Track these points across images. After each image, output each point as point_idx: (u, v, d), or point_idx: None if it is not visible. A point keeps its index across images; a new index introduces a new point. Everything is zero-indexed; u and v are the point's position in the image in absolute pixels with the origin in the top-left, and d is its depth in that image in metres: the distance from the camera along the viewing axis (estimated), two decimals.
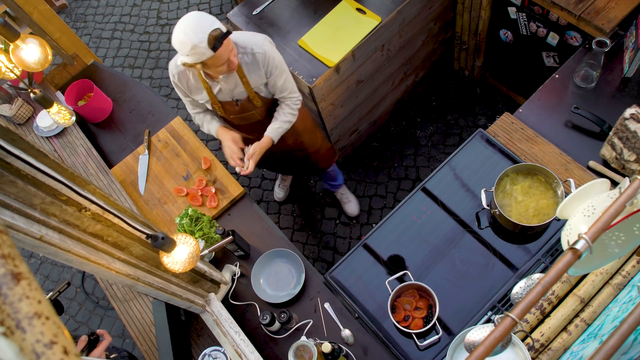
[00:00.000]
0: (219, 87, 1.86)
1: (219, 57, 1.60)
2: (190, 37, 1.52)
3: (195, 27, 1.52)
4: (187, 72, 1.84)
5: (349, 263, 1.94)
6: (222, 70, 1.68)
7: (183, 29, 1.54)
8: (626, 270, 1.47)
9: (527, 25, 2.47)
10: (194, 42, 1.52)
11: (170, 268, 1.32)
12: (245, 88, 1.86)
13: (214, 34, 1.54)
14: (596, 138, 1.94)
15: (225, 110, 1.97)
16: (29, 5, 2.50)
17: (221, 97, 1.91)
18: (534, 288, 0.76)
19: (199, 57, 1.57)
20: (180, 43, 1.55)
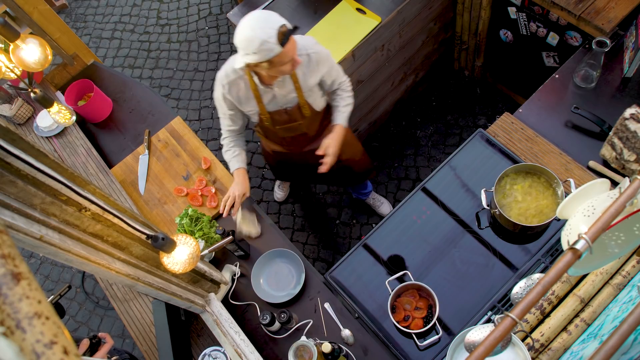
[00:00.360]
0: (272, 95, 1.81)
1: (286, 54, 1.55)
2: (259, 33, 1.48)
3: (264, 23, 1.49)
4: (239, 81, 1.78)
5: (349, 263, 1.94)
6: (286, 69, 1.62)
7: (250, 25, 1.50)
8: (626, 270, 1.47)
9: (527, 25, 2.47)
10: (262, 38, 1.48)
11: (170, 269, 1.32)
12: (297, 93, 1.83)
13: (282, 30, 1.50)
14: (596, 138, 1.94)
15: (273, 120, 1.91)
16: (29, 5, 2.50)
17: (271, 107, 1.86)
18: (534, 288, 0.76)
19: (267, 54, 1.52)
20: (248, 40, 1.50)
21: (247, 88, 1.80)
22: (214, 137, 3.58)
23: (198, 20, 4.20)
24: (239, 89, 1.80)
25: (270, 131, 2.00)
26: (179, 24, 4.22)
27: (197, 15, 4.23)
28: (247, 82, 1.78)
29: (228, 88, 1.80)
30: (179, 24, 4.22)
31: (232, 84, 1.79)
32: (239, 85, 1.79)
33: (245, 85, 1.79)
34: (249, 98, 1.83)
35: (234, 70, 1.74)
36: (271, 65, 1.57)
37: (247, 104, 1.85)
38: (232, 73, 1.77)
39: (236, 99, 1.84)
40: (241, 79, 1.77)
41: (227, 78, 1.79)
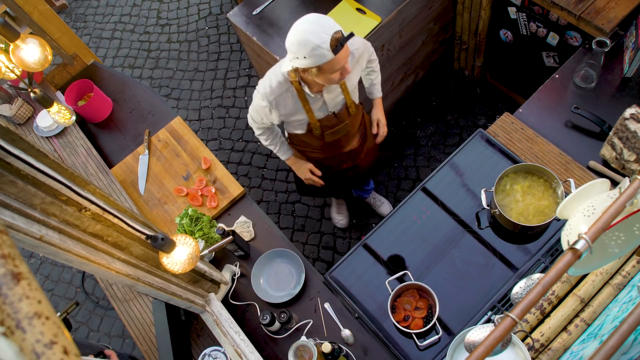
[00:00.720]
0: (322, 101, 1.76)
1: (337, 62, 1.49)
2: (312, 38, 1.42)
3: (318, 28, 1.44)
4: (286, 94, 1.70)
5: (349, 263, 1.94)
6: (334, 78, 1.55)
7: (304, 28, 1.45)
8: (626, 270, 1.47)
9: (527, 25, 2.47)
10: (315, 43, 1.42)
11: (169, 269, 1.32)
12: (344, 95, 1.79)
13: (336, 36, 1.44)
14: (596, 138, 1.94)
15: (322, 126, 1.86)
16: (29, 5, 2.50)
17: (320, 113, 1.81)
18: (534, 288, 0.76)
19: (318, 60, 1.46)
20: (300, 43, 1.44)
21: (295, 99, 1.73)
22: (213, 137, 3.58)
23: (198, 20, 4.20)
24: (286, 103, 1.73)
25: (314, 139, 1.95)
26: (179, 24, 4.22)
27: (197, 15, 4.23)
28: (294, 93, 1.71)
29: (275, 104, 1.72)
30: (179, 24, 4.22)
31: (280, 99, 1.71)
32: (287, 99, 1.72)
33: (293, 96, 1.72)
34: (297, 109, 1.76)
35: (279, 83, 1.68)
36: (320, 71, 1.52)
37: (296, 115, 1.79)
38: (277, 87, 1.69)
39: (283, 113, 1.77)
40: (288, 91, 1.70)
41: (272, 94, 1.70)
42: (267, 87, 1.71)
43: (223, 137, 3.57)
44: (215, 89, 3.80)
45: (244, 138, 3.52)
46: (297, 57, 1.49)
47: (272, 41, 2.45)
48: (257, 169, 3.38)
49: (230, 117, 3.64)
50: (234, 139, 3.54)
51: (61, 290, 3.26)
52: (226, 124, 3.62)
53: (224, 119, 3.64)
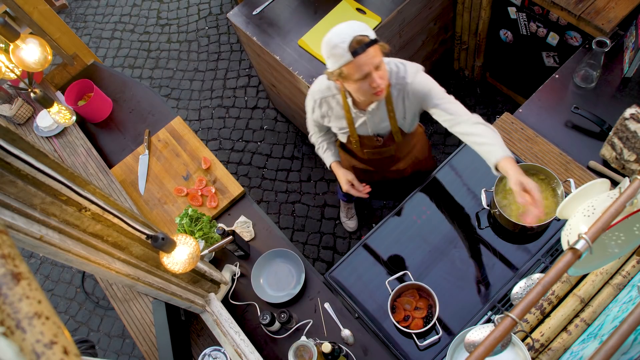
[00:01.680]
0: (363, 120, 1.70)
1: (358, 67, 1.41)
2: (334, 37, 1.41)
3: (343, 28, 1.42)
4: (331, 99, 1.69)
5: (349, 263, 1.94)
6: (363, 89, 1.48)
7: (335, 29, 1.44)
8: (626, 270, 1.47)
9: (527, 25, 2.47)
10: (335, 42, 1.40)
11: (170, 269, 1.32)
12: (391, 123, 1.72)
13: (358, 38, 1.39)
14: (596, 138, 1.94)
15: (362, 144, 1.83)
16: (29, 5, 2.50)
17: (361, 130, 1.77)
18: (534, 288, 0.76)
19: (337, 61, 1.43)
20: (324, 42, 1.45)
21: (339, 107, 1.71)
22: (213, 137, 3.58)
23: (198, 20, 4.20)
24: (330, 106, 1.72)
25: (357, 151, 1.92)
26: (179, 24, 4.22)
27: (197, 15, 4.23)
28: (339, 101, 1.69)
29: (319, 103, 1.73)
30: (179, 24, 4.22)
31: (324, 101, 1.72)
32: (330, 104, 1.72)
33: (338, 103, 1.70)
34: (339, 117, 1.74)
35: (327, 87, 1.67)
36: (343, 77, 1.47)
37: (338, 122, 1.77)
38: (326, 89, 1.68)
39: (325, 114, 1.76)
40: (334, 98, 1.69)
41: (320, 93, 1.71)
42: (315, 86, 1.72)
43: (223, 137, 3.57)
44: (215, 89, 3.80)
45: (244, 138, 3.53)
46: (325, 56, 1.47)
47: (272, 41, 2.45)
48: (257, 169, 3.38)
49: (230, 117, 3.64)
50: (234, 139, 3.54)
51: (61, 290, 3.26)
52: (226, 124, 3.62)
53: (224, 119, 3.64)
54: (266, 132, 3.51)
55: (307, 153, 3.34)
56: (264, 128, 3.53)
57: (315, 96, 1.73)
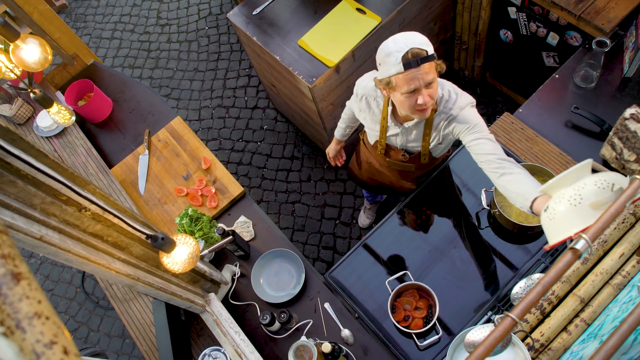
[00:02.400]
0: (396, 133, 1.69)
1: (408, 80, 1.36)
2: (391, 44, 1.36)
3: (403, 37, 1.36)
4: (372, 101, 1.67)
5: (349, 263, 1.94)
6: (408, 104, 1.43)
7: (393, 37, 1.38)
8: (626, 270, 1.47)
9: (527, 25, 2.47)
10: (390, 49, 1.35)
11: (170, 268, 1.32)
12: (423, 145, 1.68)
13: (415, 51, 1.33)
14: (596, 138, 1.94)
15: (388, 154, 1.82)
16: (29, 5, 2.50)
17: (391, 141, 1.76)
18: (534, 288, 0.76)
19: (388, 69, 1.37)
20: (381, 48, 1.39)
21: (378, 110, 1.68)
22: (213, 137, 3.58)
23: (198, 20, 4.20)
24: (370, 106, 1.70)
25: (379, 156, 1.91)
26: (179, 24, 4.23)
27: (197, 15, 4.23)
28: (380, 105, 1.66)
29: (360, 97, 1.71)
30: (179, 24, 4.22)
31: (365, 99, 1.70)
32: (370, 104, 1.69)
33: (378, 107, 1.67)
34: (375, 119, 1.72)
35: (374, 87, 1.62)
36: (390, 88, 1.42)
37: (371, 124, 1.75)
38: (371, 88, 1.65)
39: (363, 109, 1.73)
40: (375, 100, 1.66)
41: (364, 90, 1.68)
42: (364, 81, 1.68)
43: (223, 137, 3.57)
44: (215, 89, 3.80)
45: (244, 138, 3.53)
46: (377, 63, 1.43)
47: (272, 41, 2.45)
48: (257, 169, 3.38)
49: (230, 117, 3.64)
50: (234, 139, 3.54)
51: (61, 290, 3.26)
52: (226, 124, 3.62)
53: (224, 119, 3.65)
54: (266, 132, 3.51)
55: (307, 153, 3.35)
56: (264, 128, 3.53)
57: (359, 90, 1.71)
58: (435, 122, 1.60)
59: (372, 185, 2.27)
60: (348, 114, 1.99)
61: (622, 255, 1.49)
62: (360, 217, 3.02)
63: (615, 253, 1.50)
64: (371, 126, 1.77)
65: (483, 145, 1.48)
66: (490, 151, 1.46)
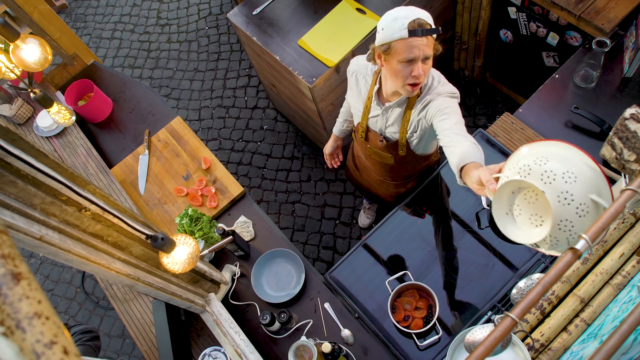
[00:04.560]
0: (378, 114, 1.69)
1: (409, 47, 1.37)
2: (397, 11, 1.38)
3: (412, 9, 1.39)
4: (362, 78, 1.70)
5: (349, 263, 1.94)
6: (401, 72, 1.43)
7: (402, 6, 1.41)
8: (626, 270, 1.47)
9: (527, 25, 2.47)
10: (398, 14, 1.37)
11: (169, 269, 1.32)
12: (400, 130, 1.67)
13: (421, 21, 1.36)
14: (596, 138, 1.94)
15: (368, 138, 1.82)
16: (29, 5, 2.50)
17: (371, 123, 1.76)
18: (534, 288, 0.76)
19: (391, 33, 1.37)
20: (387, 13, 1.40)
21: (365, 88, 1.71)
22: (213, 137, 3.58)
23: (198, 20, 4.20)
24: (358, 82, 1.72)
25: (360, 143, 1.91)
26: (179, 24, 4.22)
27: (197, 15, 4.23)
28: (368, 83, 1.69)
29: (351, 73, 1.74)
30: (179, 24, 4.22)
31: (355, 75, 1.73)
32: (359, 82, 1.72)
33: (365, 85, 1.70)
34: (360, 97, 1.74)
35: (365, 64, 1.68)
36: (388, 53, 1.41)
37: (356, 102, 1.77)
38: (362, 66, 1.69)
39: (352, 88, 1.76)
40: (364, 78, 1.70)
41: (356, 67, 1.72)
42: (358, 59, 1.72)
43: (223, 137, 3.57)
44: (215, 89, 3.80)
45: (244, 138, 3.53)
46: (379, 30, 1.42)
47: (272, 41, 2.45)
48: (257, 169, 3.38)
49: (230, 117, 3.64)
50: (234, 139, 3.54)
51: (61, 290, 3.26)
52: (226, 124, 3.62)
53: (224, 119, 3.64)
54: (266, 132, 3.51)
55: (307, 153, 3.35)
56: (264, 128, 3.53)
57: (351, 67, 1.74)
58: (415, 106, 1.60)
59: (362, 185, 2.28)
60: (346, 106, 2.01)
61: (622, 255, 1.49)
62: (360, 217, 3.02)
63: (615, 253, 1.50)
64: (356, 106, 1.78)
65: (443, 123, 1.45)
66: (448, 127, 1.43)
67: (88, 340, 1.74)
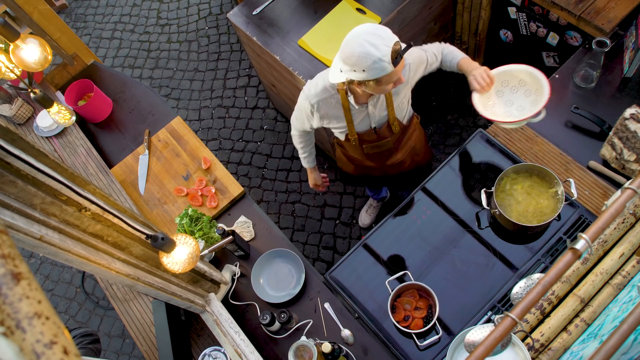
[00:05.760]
0: (365, 114, 1.72)
1: (396, 73, 1.45)
2: (372, 51, 1.37)
3: (379, 40, 1.38)
4: (331, 100, 1.68)
5: (349, 263, 1.94)
6: (388, 88, 1.51)
7: (365, 40, 1.38)
8: (626, 270, 1.47)
9: (527, 25, 2.47)
10: (377, 56, 1.37)
11: (169, 268, 1.32)
12: (388, 111, 1.73)
13: (395, 48, 1.39)
14: (596, 138, 1.94)
15: (361, 140, 1.84)
16: (29, 5, 2.50)
17: (360, 127, 1.78)
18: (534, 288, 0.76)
19: (377, 73, 1.41)
20: (360, 56, 1.38)
21: (338, 106, 1.70)
22: (213, 137, 3.58)
23: (198, 20, 4.20)
24: (329, 107, 1.71)
25: (353, 148, 1.93)
26: (179, 24, 4.23)
27: (197, 15, 4.23)
28: (338, 100, 1.67)
29: (317, 107, 1.71)
30: (179, 24, 4.22)
31: (322, 103, 1.70)
32: (330, 105, 1.70)
33: (337, 103, 1.69)
34: (339, 117, 1.74)
35: (325, 88, 1.66)
36: (377, 84, 1.47)
37: (336, 122, 1.77)
38: (322, 91, 1.67)
39: (325, 116, 1.75)
40: (333, 97, 1.68)
41: (316, 97, 1.68)
42: (312, 89, 1.69)
43: (223, 137, 3.57)
44: (215, 89, 3.80)
45: (244, 138, 3.53)
46: (354, 70, 1.43)
47: (272, 41, 2.45)
48: (257, 169, 3.38)
49: (230, 117, 3.64)
50: (234, 139, 3.54)
51: (61, 290, 3.27)
52: (226, 124, 3.62)
53: (224, 119, 3.65)
54: (266, 132, 3.51)
55: None
56: (264, 128, 3.53)
57: (312, 100, 1.70)
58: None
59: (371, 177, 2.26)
60: (304, 139, 2.00)
61: (622, 255, 1.49)
62: (361, 216, 3.02)
63: (615, 253, 1.50)
64: (338, 125, 1.78)
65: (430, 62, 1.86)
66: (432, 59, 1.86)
67: (89, 343, 1.74)
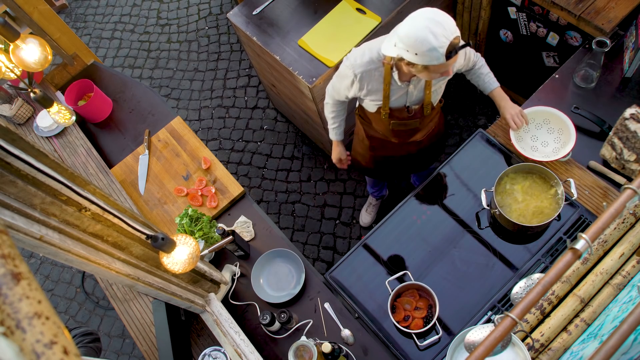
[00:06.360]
0: (404, 92, 1.72)
1: (445, 66, 1.44)
2: (432, 39, 1.35)
3: (442, 29, 1.36)
4: (375, 72, 1.66)
5: (349, 263, 1.94)
6: (435, 76, 1.51)
7: (426, 25, 1.36)
8: (626, 270, 1.47)
9: (527, 25, 2.47)
10: (433, 45, 1.36)
11: (170, 269, 1.32)
12: (425, 93, 1.74)
13: (454, 42, 1.38)
14: (596, 138, 1.94)
15: (391, 115, 1.82)
16: (29, 5, 2.50)
17: (396, 102, 1.77)
18: (534, 288, 0.76)
19: (428, 61, 1.40)
20: (418, 40, 1.37)
21: (380, 80, 1.68)
22: (213, 137, 3.58)
23: (198, 20, 4.20)
24: (371, 80, 1.69)
25: (380, 122, 1.91)
26: (179, 24, 4.22)
27: (197, 15, 4.23)
28: (381, 73, 1.66)
29: (360, 77, 1.69)
30: (179, 24, 4.22)
31: (366, 74, 1.67)
32: (372, 77, 1.68)
33: (380, 76, 1.67)
34: (378, 90, 1.72)
35: (371, 59, 1.64)
36: (425, 70, 1.47)
37: (373, 95, 1.75)
38: (368, 63, 1.65)
39: (364, 87, 1.73)
40: (377, 70, 1.66)
41: (361, 67, 1.66)
42: (357, 59, 1.67)
43: (223, 137, 3.57)
44: (215, 89, 3.80)
45: (244, 138, 3.53)
46: (407, 50, 1.42)
47: (272, 41, 2.45)
48: (257, 169, 3.38)
49: (230, 117, 3.64)
50: (234, 139, 3.54)
51: (61, 290, 3.26)
52: (226, 124, 3.62)
53: (224, 119, 3.65)
54: (266, 132, 3.51)
55: (307, 153, 3.35)
56: (264, 128, 3.53)
57: (356, 70, 1.67)
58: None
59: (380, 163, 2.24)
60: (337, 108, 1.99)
61: (622, 255, 1.49)
62: (361, 215, 3.02)
63: (615, 253, 1.50)
64: (374, 97, 1.76)
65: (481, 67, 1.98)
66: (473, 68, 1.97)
67: (89, 342, 1.74)
